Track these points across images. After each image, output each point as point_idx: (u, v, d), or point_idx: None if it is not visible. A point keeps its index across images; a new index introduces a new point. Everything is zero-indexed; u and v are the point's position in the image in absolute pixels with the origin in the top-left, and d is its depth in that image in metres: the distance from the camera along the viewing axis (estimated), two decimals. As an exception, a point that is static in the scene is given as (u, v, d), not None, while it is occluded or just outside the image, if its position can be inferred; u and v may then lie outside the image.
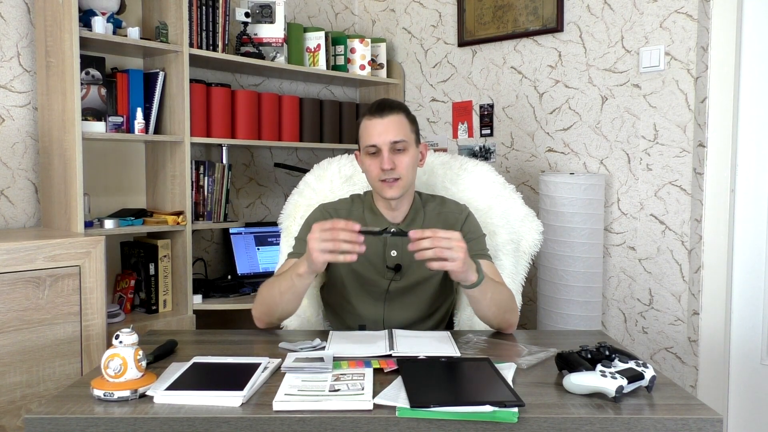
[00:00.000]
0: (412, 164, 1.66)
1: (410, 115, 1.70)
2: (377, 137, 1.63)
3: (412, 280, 1.70)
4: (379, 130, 1.63)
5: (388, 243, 1.70)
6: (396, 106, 1.67)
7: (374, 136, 1.63)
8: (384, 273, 1.70)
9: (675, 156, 2.54)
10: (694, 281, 2.51)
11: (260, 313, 1.65)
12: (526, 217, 1.94)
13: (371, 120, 1.65)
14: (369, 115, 1.66)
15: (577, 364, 1.24)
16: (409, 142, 1.65)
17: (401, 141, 1.63)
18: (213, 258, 2.95)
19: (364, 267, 1.70)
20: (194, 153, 2.79)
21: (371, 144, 1.64)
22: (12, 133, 2.31)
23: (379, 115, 1.64)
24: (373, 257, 1.70)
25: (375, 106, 1.67)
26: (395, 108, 1.66)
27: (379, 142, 1.62)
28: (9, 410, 1.84)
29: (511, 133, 3.04)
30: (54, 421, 1.09)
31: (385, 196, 1.66)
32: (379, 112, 1.64)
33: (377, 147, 1.63)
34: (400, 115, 1.66)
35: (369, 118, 1.66)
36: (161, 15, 2.53)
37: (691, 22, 2.48)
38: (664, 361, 2.60)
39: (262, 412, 1.10)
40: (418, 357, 1.35)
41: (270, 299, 1.61)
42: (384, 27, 3.50)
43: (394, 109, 1.66)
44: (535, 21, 2.90)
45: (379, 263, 1.70)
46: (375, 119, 1.64)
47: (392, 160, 1.62)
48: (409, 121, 1.68)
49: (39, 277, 1.89)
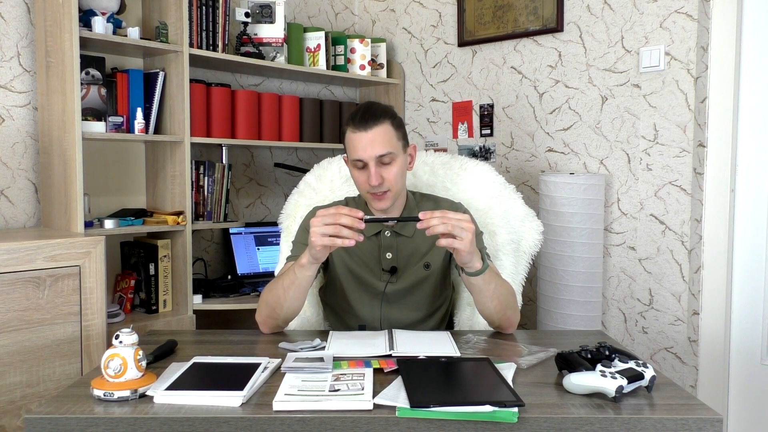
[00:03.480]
0: (400, 173, 1.62)
1: (396, 120, 1.63)
2: (362, 152, 1.57)
3: (408, 282, 1.69)
4: (364, 143, 1.57)
5: (383, 245, 1.69)
6: (380, 114, 1.60)
7: (359, 150, 1.58)
8: (380, 275, 1.69)
9: (675, 156, 2.54)
10: (694, 281, 2.51)
11: (265, 316, 1.62)
12: (527, 217, 1.94)
13: (356, 133, 1.58)
14: (353, 127, 1.59)
15: (577, 364, 1.24)
16: (396, 152, 1.60)
17: (388, 154, 1.58)
18: (213, 258, 2.95)
19: (361, 268, 1.69)
20: (194, 153, 2.79)
21: (357, 158, 1.59)
22: (12, 133, 2.31)
23: (363, 127, 1.57)
24: (368, 259, 1.69)
25: (359, 116, 1.60)
26: (379, 117, 1.59)
27: (364, 156, 1.57)
28: (9, 410, 1.84)
29: (511, 133, 3.04)
30: (54, 421, 1.09)
31: (375, 208, 1.65)
32: (363, 124, 1.58)
33: (363, 161, 1.58)
34: (385, 124, 1.59)
35: (353, 131, 1.59)
36: (161, 15, 2.53)
37: (691, 22, 2.48)
38: (664, 361, 2.60)
39: (262, 412, 1.10)
40: (418, 357, 1.35)
41: (274, 299, 1.59)
42: (384, 27, 3.50)
43: (379, 119, 1.58)
44: (535, 21, 2.90)
45: (375, 265, 1.69)
46: (359, 132, 1.58)
47: (380, 174, 1.57)
48: (395, 128, 1.61)
49: (39, 277, 1.89)
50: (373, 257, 1.70)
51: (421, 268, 1.69)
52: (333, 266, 1.72)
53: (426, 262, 1.69)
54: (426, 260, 1.69)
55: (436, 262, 1.70)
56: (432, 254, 1.69)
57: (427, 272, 1.69)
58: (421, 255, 1.69)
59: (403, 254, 1.68)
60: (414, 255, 1.69)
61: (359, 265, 1.69)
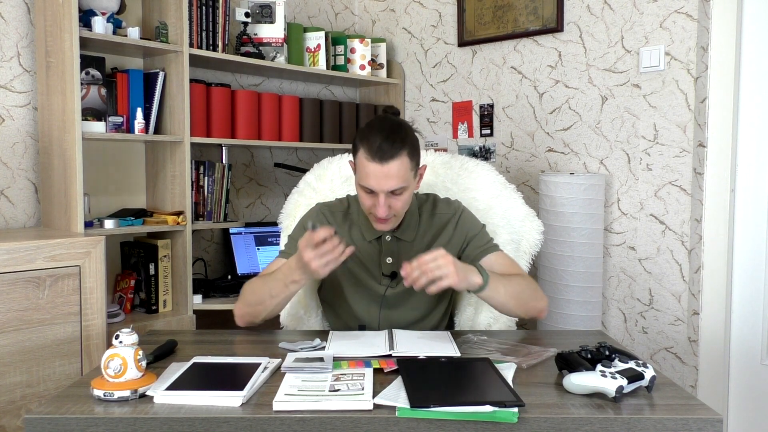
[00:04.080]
0: (408, 200, 1.59)
1: (413, 148, 1.56)
2: (375, 183, 1.53)
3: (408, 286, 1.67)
4: (378, 177, 1.52)
5: (384, 250, 1.69)
6: (399, 147, 1.51)
7: (371, 181, 1.53)
8: (380, 279, 1.68)
9: (675, 156, 2.54)
10: (694, 281, 2.51)
11: (244, 313, 1.63)
12: (527, 217, 1.94)
13: (370, 163, 1.51)
14: (368, 154, 1.51)
15: (577, 364, 1.24)
16: (408, 183, 1.56)
17: (400, 187, 1.54)
18: (213, 258, 2.95)
19: (360, 271, 1.69)
20: (194, 153, 2.79)
21: (368, 186, 1.55)
22: (12, 133, 2.31)
23: (380, 160, 1.50)
24: (369, 263, 1.69)
25: (377, 145, 1.50)
26: (398, 151, 1.51)
27: (376, 188, 1.53)
28: (9, 410, 1.84)
29: (511, 133, 3.04)
30: (54, 421, 1.09)
31: (375, 228, 1.63)
32: (380, 156, 1.50)
33: (374, 191, 1.55)
34: (402, 157, 1.52)
35: (368, 159, 1.51)
36: (161, 15, 2.53)
37: (691, 22, 2.48)
38: (664, 361, 2.60)
39: (262, 412, 1.10)
40: (418, 357, 1.35)
41: (257, 300, 1.59)
42: (384, 27, 3.50)
43: (396, 154, 1.51)
44: (535, 21, 2.90)
45: (375, 269, 1.69)
46: (374, 163, 1.51)
47: (388, 205, 1.55)
48: (410, 158, 1.54)
49: (39, 277, 1.89)
50: (374, 261, 1.69)
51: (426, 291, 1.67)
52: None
53: None
54: None
55: None
56: None
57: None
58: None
59: (404, 259, 1.65)
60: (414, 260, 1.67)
61: (360, 268, 1.69)
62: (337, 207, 1.76)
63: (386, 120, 1.59)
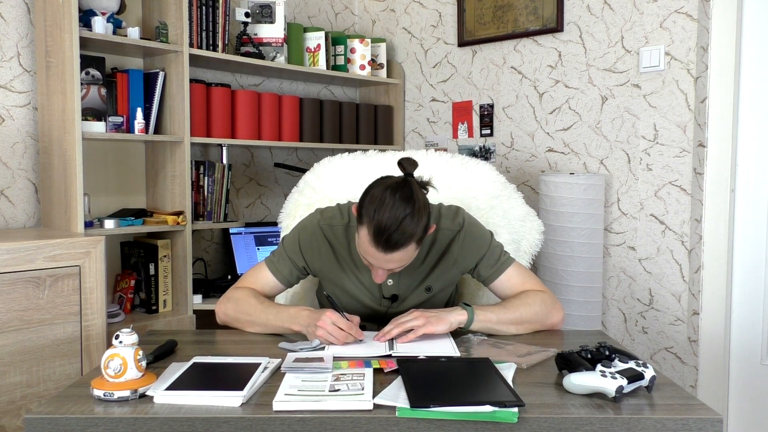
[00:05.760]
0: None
1: (423, 232, 1.43)
2: (375, 263, 1.45)
3: (409, 306, 1.64)
4: (379, 260, 1.43)
5: None
6: (407, 238, 1.38)
7: (371, 259, 1.45)
8: (380, 301, 1.65)
9: (675, 156, 2.54)
10: (694, 281, 2.51)
11: (231, 319, 1.64)
12: (527, 217, 1.94)
13: (372, 247, 1.40)
14: (373, 242, 1.39)
15: (577, 364, 1.24)
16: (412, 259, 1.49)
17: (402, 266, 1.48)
18: (213, 258, 2.95)
19: (361, 292, 1.65)
20: (194, 153, 2.80)
21: (366, 260, 1.47)
22: (12, 133, 2.31)
23: (384, 250, 1.40)
24: (369, 285, 1.64)
25: (383, 239, 1.37)
26: (405, 243, 1.39)
27: (375, 265, 1.47)
28: (9, 410, 1.84)
29: (511, 133, 3.04)
30: (54, 421, 1.09)
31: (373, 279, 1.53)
32: (383, 248, 1.39)
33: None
34: (408, 246, 1.40)
35: (371, 244, 1.40)
36: (161, 15, 2.53)
37: (691, 22, 2.48)
38: (664, 361, 2.60)
39: (262, 412, 1.10)
40: (418, 357, 1.35)
41: (249, 320, 1.59)
42: (384, 27, 3.50)
43: (403, 245, 1.39)
44: (535, 21, 2.90)
45: (376, 291, 1.65)
46: (377, 251, 1.40)
47: (387, 274, 1.49)
48: (417, 243, 1.43)
49: (39, 277, 1.89)
50: (374, 284, 1.63)
51: (423, 291, 1.65)
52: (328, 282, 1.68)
53: (427, 285, 1.65)
54: (427, 284, 1.65)
55: (437, 285, 1.66)
56: (433, 277, 1.65)
57: (428, 295, 1.65)
58: (422, 279, 1.64)
59: (405, 281, 1.63)
60: (415, 280, 1.64)
61: (359, 287, 1.64)
62: (337, 221, 1.64)
63: (398, 202, 1.38)
